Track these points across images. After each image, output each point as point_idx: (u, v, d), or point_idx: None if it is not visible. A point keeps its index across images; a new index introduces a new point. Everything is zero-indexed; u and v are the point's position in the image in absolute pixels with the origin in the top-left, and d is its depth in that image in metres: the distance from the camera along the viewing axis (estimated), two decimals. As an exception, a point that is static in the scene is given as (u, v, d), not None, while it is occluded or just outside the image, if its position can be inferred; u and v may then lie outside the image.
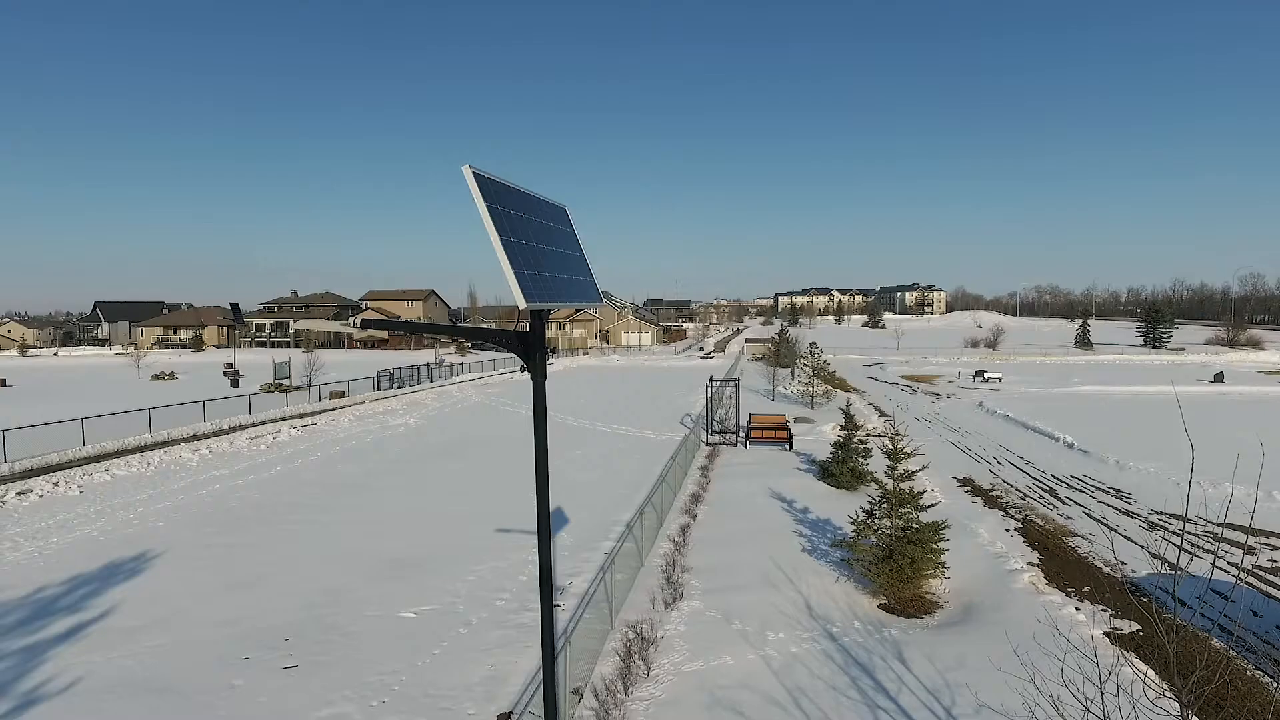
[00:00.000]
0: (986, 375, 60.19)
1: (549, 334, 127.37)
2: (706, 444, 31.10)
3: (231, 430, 34.58)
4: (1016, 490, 23.50)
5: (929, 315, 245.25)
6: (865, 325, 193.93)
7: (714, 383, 32.74)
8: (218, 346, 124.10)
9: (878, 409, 44.01)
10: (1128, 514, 20.61)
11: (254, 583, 15.20)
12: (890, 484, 14.57)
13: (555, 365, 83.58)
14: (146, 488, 23.90)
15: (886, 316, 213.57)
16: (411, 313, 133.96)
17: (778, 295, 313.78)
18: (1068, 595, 14.62)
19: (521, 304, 4.01)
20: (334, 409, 42.78)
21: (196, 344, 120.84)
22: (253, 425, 36.11)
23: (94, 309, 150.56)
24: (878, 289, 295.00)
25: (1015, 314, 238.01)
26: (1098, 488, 23.70)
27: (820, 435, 32.26)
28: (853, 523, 14.87)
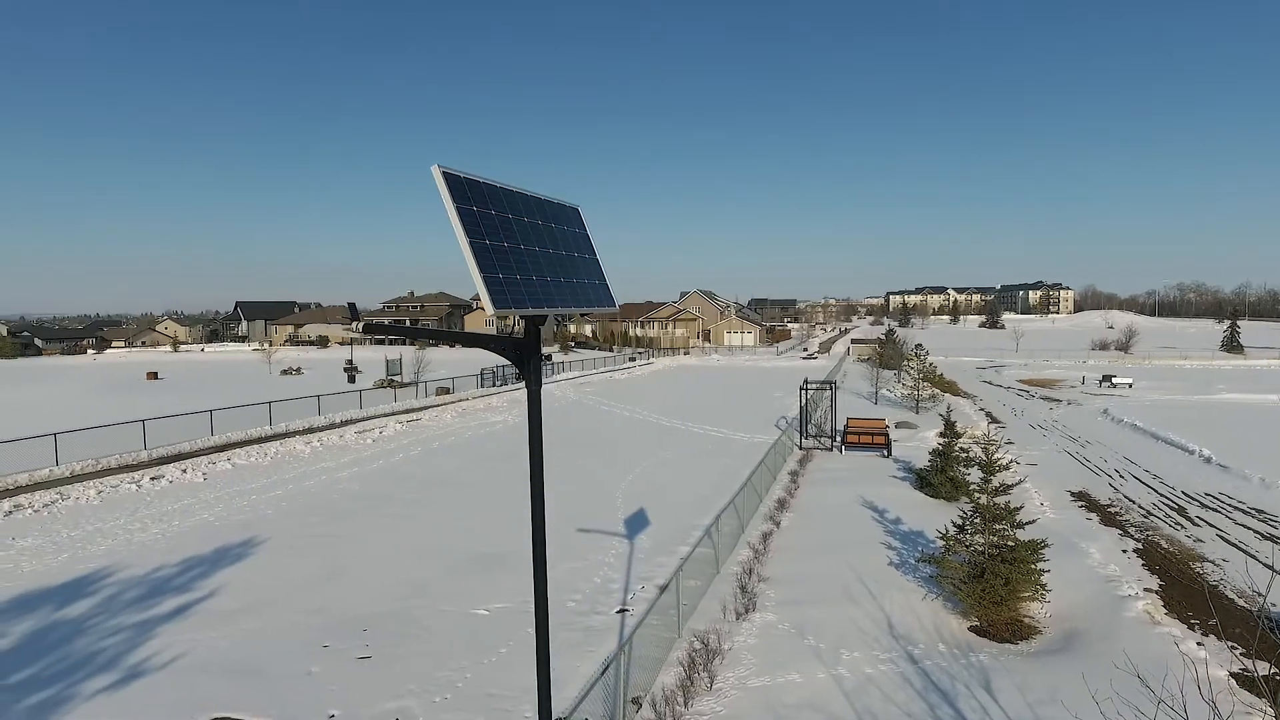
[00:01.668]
0: (1115, 380, 55.79)
1: (651, 333, 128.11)
2: (800, 448, 30.23)
3: (343, 424, 36.52)
4: (1139, 507, 21.53)
5: (1054, 315, 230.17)
6: (982, 326, 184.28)
7: (809, 385, 31.78)
8: (342, 344, 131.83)
9: (989, 415, 41.57)
10: (1271, 538, 18.47)
11: (344, 572, 15.88)
12: (984, 497, 13.59)
13: (655, 364, 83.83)
14: (261, 477, 25.54)
15: (1006, 316, 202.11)
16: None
17: (889, 294, 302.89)
18: (1190, 628, 13.21)
19: (489, 310, 3.86)
20: (438, 405, 44.46)
21: (323, 341, 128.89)
22: (362, 420, 38.01)
23: (235, 308, 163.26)
24: (998, 288, 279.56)
25: (1153, 314, 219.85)
26: (1236, 507, 21.39)
27: (923, 441, 30.72)
28: (942, 537, 13.97)
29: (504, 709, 10.08)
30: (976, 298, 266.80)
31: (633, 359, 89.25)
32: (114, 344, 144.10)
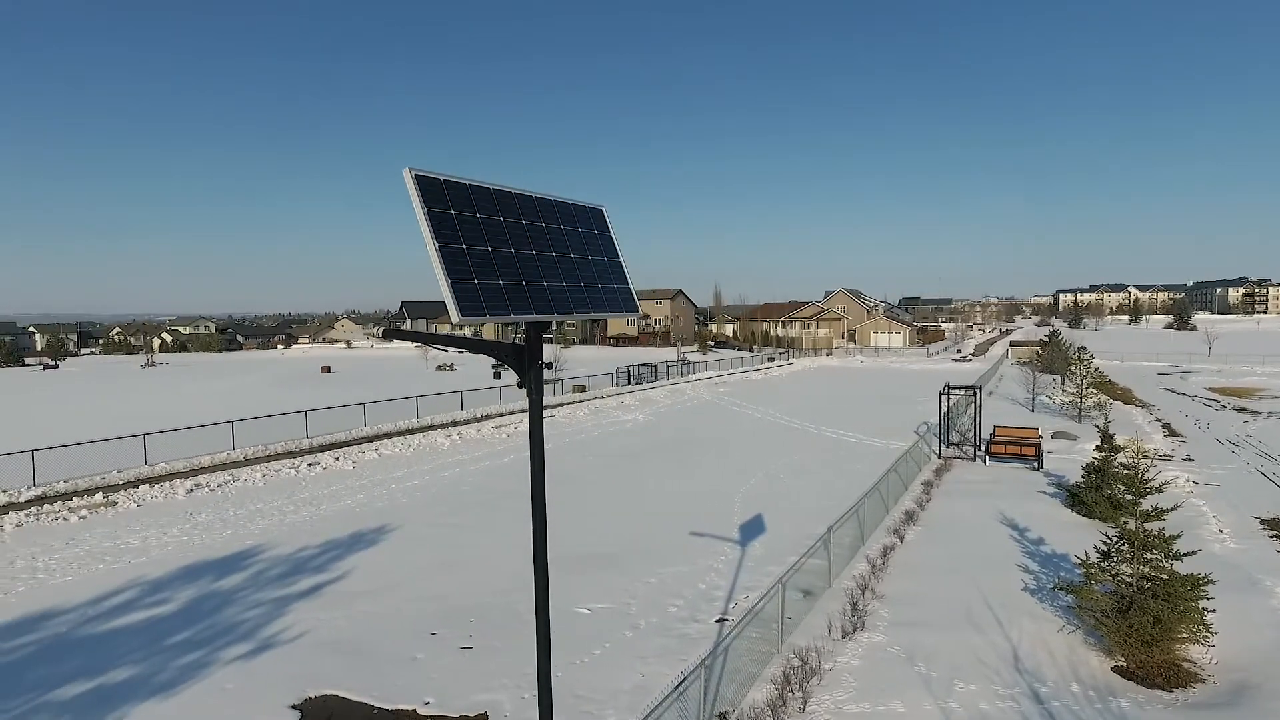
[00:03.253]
0: (1332, 390, 48.23)
1: (793, 333, 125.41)
2: (939, 457, 28.38)
3: (482, 419, 38.32)
4: (1348, 541, 18.38)
5: (1259, 315, 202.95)
6: (1169, 327, 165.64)
7: (950, 389, 29.75)
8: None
9: (1166, 426, 37.15)
10: None
11: (460, 563, 16.53)
12: (1132, 522, 12.06)
13: (794, 365, 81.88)
14: (403, 467, 27.23)
15: (1199, 317, 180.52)
16: (660, 311, 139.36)
17: (1059, 292, 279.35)
18: (1402, 690, 11.03)
19: (454, 317, 3.70)
20: (572, 402, 45.65)
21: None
22: (500, 415, 39.70)
23: (400, 308, 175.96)
24: (1189, 285, 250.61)
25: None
26: None
27: (1081, 454, 27.92)
28: (1082, 564, 12.54)
29: (586, 711, 10.05)
30: (1163, 296, 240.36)
31: (771, 359, 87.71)
32: (299, 340, 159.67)
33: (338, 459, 27.91)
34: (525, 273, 4.25)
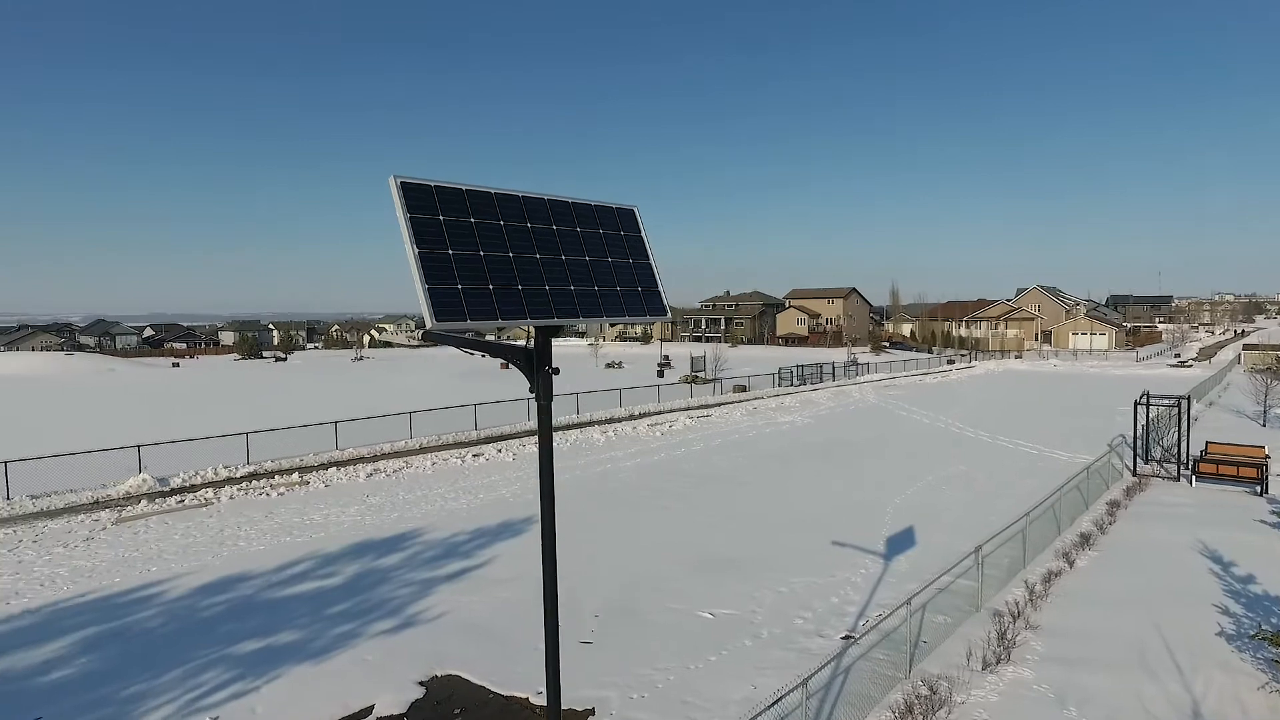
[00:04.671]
0: None
1: (978, 333, 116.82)
2: (1133, 474, 25.19)
3: (639, 416, 39.02)
4: None
5: None
6: None
7: (1148, 398, 26.29)
8: (662, 340, 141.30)
9: None
10: None
11: (597, 558, 16.88)
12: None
13: (976, 368, 76.19)
14: (558, 461, 28.26)
15: None
16: (832, 310, 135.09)
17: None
18: None
19: (429, 323, 3.65)
20: (731, 402, 45.32)
21: (646, 338, 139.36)
22: (657, 413, 40.23)
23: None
24: None
25: None
26: None
27: (1321, 479, 23.68)
28: (1289, 611, 10.58)
29: (691, 717, 9.89)
30: None
31: (951, 361, 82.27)
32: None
33: (500, 451, 29.56)
34: (524, 276, 4.19)
